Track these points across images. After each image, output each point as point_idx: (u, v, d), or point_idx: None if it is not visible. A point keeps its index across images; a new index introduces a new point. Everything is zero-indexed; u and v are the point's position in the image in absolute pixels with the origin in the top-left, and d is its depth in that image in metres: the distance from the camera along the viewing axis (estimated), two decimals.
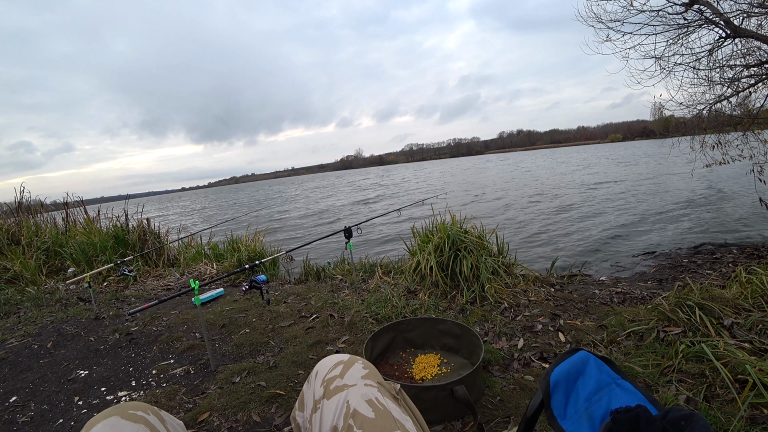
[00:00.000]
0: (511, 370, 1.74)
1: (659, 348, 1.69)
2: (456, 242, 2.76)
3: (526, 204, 10.34)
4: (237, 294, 3.21)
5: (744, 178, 4.96)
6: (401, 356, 1.86)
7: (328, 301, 2.76)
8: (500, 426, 1.38)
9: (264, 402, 1.63)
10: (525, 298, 2.49)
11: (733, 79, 4.13)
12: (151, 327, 2.63)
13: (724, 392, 1.35)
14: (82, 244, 4.58)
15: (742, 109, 4.31)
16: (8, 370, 2.15)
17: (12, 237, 5.02)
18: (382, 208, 14.17)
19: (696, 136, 4.70)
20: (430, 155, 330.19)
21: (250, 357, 2.08)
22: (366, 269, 3.56)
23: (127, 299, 3.37)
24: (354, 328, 2.28)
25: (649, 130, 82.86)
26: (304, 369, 1.88)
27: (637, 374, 1.56)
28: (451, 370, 1.71)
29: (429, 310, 2.38)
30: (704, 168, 4.74)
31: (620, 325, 2.00)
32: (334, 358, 0.76)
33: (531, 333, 2.05)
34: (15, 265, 4.24)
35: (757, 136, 4.25)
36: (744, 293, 1.91)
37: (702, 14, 3.90)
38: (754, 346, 1.54)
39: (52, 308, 3.18)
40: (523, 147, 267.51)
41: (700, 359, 1.51)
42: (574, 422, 0.56)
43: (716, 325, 1.69)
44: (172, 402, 1.70)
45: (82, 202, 5.93)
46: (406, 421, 0.61)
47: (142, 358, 2.18)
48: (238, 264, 4.03)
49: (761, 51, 3.95)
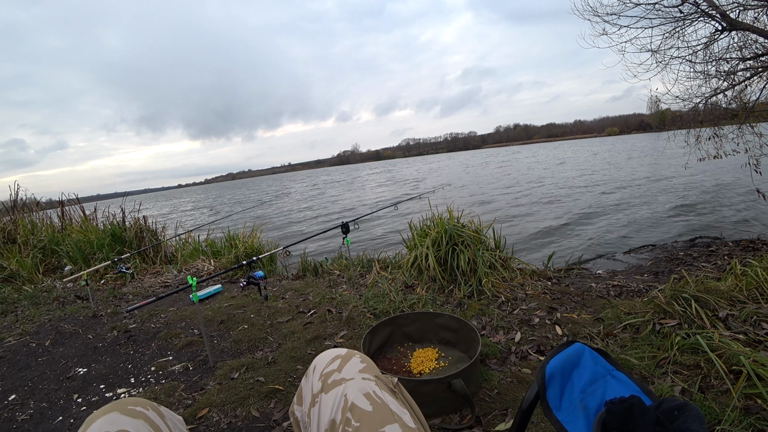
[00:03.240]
0: (509, 363, 1.75)
1: (655, 340, 1.71)
2: (453, 237, 2.76)
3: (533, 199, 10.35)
4: (235, 290, 3.21)
5: (739, 171, 4.99)
6: (399, 350, 1.87)
7: (326, 296, 2.76)
8: (498, 419, 1.39)
9: (263, 397, 1.64)
10: (522, 292, 2.50)
11: (729, 73, 4.13)
12: (149, 324, 2.63)
13: (718, 383, 1.37)
14: (78, 242, 4.56)
15: (737, 102, 4.32)
16: (7, 368, 2.14)
17: (8, 235, 5.00)
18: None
19: (691, 130, 4.71)
20: (427, 150, 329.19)
21: (248, 353, 2.08)
22: (363, 264, 3.57)
23: (125, 297, 3.36)
24: (352, 323, 2.29)
25: (646, 123, 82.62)
26: (302, 364, 1.89)
27: (633, 366, 1.57)
28: (448, 363, 1.72)
29: (426, 304, 2.39)
30: (698, 161, 4.76)
31: (617, 317, 2.02)
32: (331, 353, 0.76)
33: (528, 326, 2.06)
34: (11, 264, 4.21)
35: (753, 129, 4.26)
36: (739, 285, 1.93)
37: (698, 7, 3.89)
38: (749, 338, 1.55)
39: (50, 306, 3.17)
40: (520, 141, 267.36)
41: (695, 351, 1.53)
42: (569, 413, 0.57)
43: (711, 317, 1.71)
44: (171, 398, 1.71)
45: (77, 200, 5.90)
46: (403, 413, 0.61)
47: (141, 355, 2.18)
48: (236, 260, 4.03)
49: (757, 44, 3.95)
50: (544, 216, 7.59)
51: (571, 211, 7.72)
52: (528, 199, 10.11)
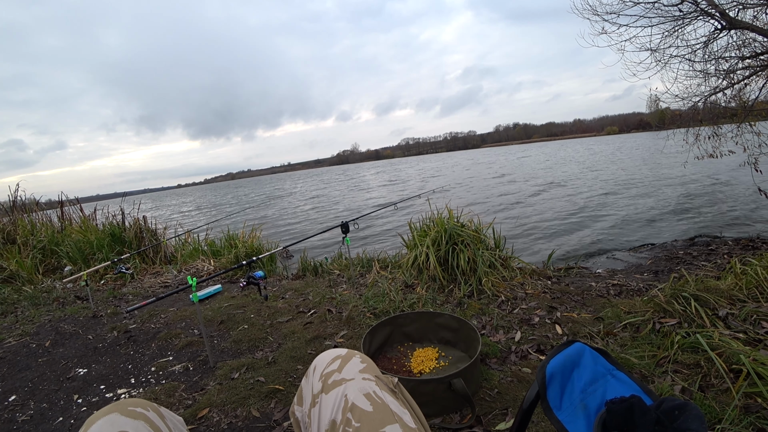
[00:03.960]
0: (509, 362, 1.75)
1: (655, 339, 1.71)
2: (453, 236, 2.76)
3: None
4: (235, 290, 3.21)
5: (738, 169, 5.00)
6: (399, 350, 1.87)
7: (326, 296, 2.76)
8: (498, 418, 1.39)
9: (263, 397, 1.64)
10: (522, 291, 2.50)
11: (729, 71, 4.13)
12: (149, 324, 2.62)
13: (718, 382, 1.37)
14: (78, 243, 4.56)
15: (737, 101, 4.32)
16: (7, 369, 2.14)
17: (7, 236, 4.99)
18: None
19: (690, 129, 4.71)
20: (426, 149, 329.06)
21: (248, 353, 2.08)
22: (363, 264, 3.57)
23: (125, 297, 3.36)
24: (352, 322, 2.29)
25: (645, 122, 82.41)
26: (302, 364, 1.89)
27: (633, 365, 1.57)
28: (449, 363, 1.72)
29: (426, 304, 2.39)
30: (697, 160, 4.76)
31: (616, 316, 2.02)
32: (331, 353, 0.76)
33: (528, 326, 2.06)
34: (11, 264, 4.21)
35: (752, 128, 4.27)
36: (739, 284, 1.93)
37: (697, 6, 3.90)
38: (749, 337, 1.55)
39: (50, 307, 3.17)
40: (519, 140, 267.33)
41: (695, 350, 1.53)
42: (569, 413, 0.57)
43: (711, 316, 1.71)
44: (171, 399, 1.71)
45: (77, 200, 5.90)
46: (403, 414, 0.61)
47: (141, 356, 2.18)
48: (236, 260, 4.03)
49: (756, 43, 3.95)
50: (544, 215, 7.59)
51: (572, 210, 7.73)
52: (526, 198, 10.13)
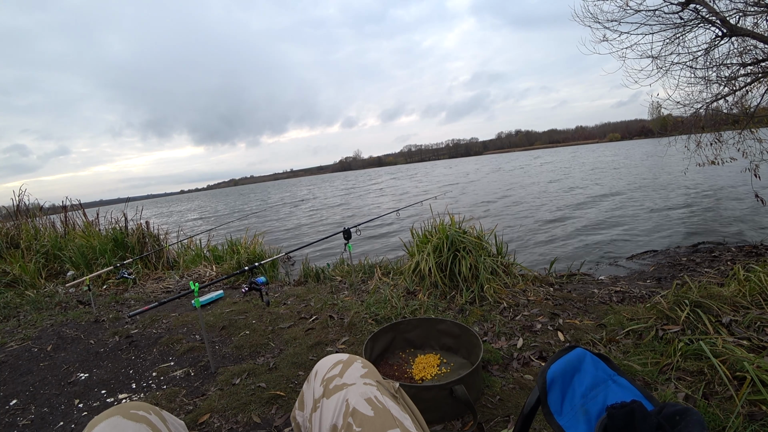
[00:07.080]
0: (511, 369, 1.74)
1: (658, 346, 1.70)
2: (455, 243, 2.76)
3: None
4: (236, 296, 3.22)
5: (741, 176, 4.98)
6: (401, 356, 1.87)
7: (327, 302, 2.76)
8: (500, 425, 1.39)
9: (264, 403, 1.63)
10: (524, 298, 2.50)
11: (730, 78, 4.15)
12: (151, 329, 2.63)
13: (722, 389, 1.36)
14: (81, 247, 4.58)
15: (739, 107, 4.33)
16: (8, 373, 2.14)
17: (11, 240, 5.02)
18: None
19: (691, 136, 4.72)
20: (429, 156, 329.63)
21: (250, 358, 2.08)
22: (365, 270, 3.57)
23: (127, 302, 3.37)
24: (353, 329, 2.29)
25: (648, 129, 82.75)
26: (304, 370, 1.88)
27: (636, 372, 1.56)
28: (450, 369, 1.71)
29: (428, 310, 2.38)
30: (699, 167, 4.76)
31: (619, 323, 2.01)
32: (333, 358, 0.76)
33: (530, 332, 2.05)
34: (14, 269, 4.23)
35: (754, 135, 4.27)
36: (742, 291, 1.92)
37: (698, 13, 3.92)
38: (752, 344, 1.54)
39: (52, 311, 3.17)
40: (521, 147, 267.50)
41: (698, 357, 1.52)
42: (570, 418, 0.56)
43: (714, 323, 1.70)
44: (172, 404, 1.70)
45: (80, 205, 5.93)
46: (405, 419, 0.61)
47: (143, 361, 2.18)
48: (238, 266, 4.04)
49: (757, 49, 3.97)
50: (546, 222, 7.58)
51: (572, 217, 7.71)
52: (530, 205, 10.12)
